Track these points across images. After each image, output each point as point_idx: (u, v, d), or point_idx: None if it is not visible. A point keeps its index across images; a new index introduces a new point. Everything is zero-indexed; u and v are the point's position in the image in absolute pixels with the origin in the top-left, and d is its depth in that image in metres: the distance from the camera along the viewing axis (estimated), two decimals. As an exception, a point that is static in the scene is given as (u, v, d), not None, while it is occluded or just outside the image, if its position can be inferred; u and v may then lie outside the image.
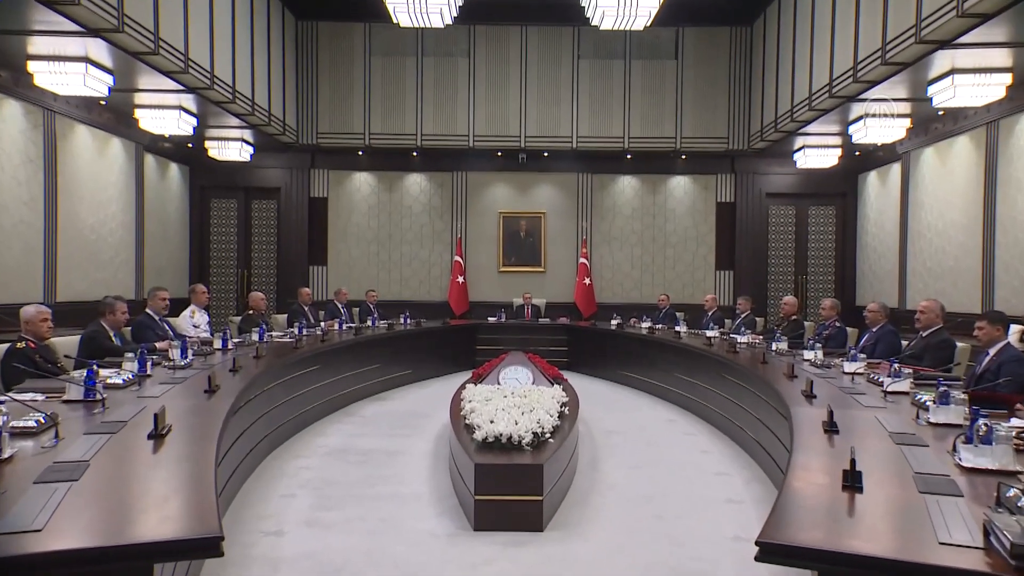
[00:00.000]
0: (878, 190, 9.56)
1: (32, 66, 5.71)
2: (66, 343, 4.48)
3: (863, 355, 4.61)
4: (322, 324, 7.44)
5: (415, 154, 10.37)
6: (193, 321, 6.19)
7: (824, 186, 10.30)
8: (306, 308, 7.93)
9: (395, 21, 6.56)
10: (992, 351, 3.91)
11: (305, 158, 10.36)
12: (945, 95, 5.91)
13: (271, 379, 4.75)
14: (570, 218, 10.58)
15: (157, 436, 2.56)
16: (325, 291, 10.37)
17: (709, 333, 6.95)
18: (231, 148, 9.23)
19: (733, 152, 10.19)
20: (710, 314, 8.26)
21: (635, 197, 10.59)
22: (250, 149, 9.52)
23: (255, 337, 5.84)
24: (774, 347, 5.64)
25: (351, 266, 10.55)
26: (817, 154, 9.16)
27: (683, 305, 9.91)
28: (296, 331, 6.47)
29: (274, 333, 6.49)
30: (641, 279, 10.59)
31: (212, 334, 5.98)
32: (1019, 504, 1.77)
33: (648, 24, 6.44)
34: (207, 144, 9.24)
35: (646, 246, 10.58)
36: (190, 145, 9.46)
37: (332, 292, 9.37)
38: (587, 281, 10.27)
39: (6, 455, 2.24)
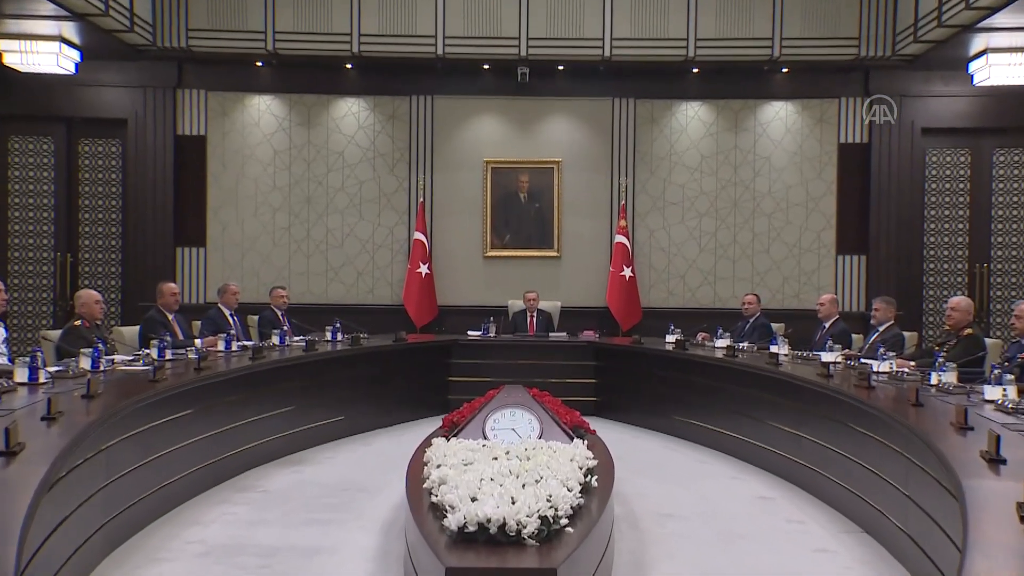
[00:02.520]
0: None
1: None
2: None
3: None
4: (198, 342, 7.48)
5: (349, 66, 10.35)
6: (-18, 338, 6.17)
7: (1020, 117, 10.30)
8: (171, 317, 7.91)
9: None
10: None
11: (169, 71, 10.32)
12: None
13: (113, 432, 4.72)
14: (600, 171, 10.57)
15: (-81, 526, 2.54)
16: (203, 289, 10.34)
17: (827, 357, 6.95)
18: (43, 53, 9.18)
19: (867, 62, 10.18)
20: (828, 326, 8.25)
21: (706, 137, 10.58)
22: (76, 55, 9.49)
23: (85, 364, 5.82)
24: (935, 379, 5.64)
25: (246, 248, 10.53)
26: (1009, 63, 9.16)
27: (783, 312, 9.89)
28: (155, 354, 6.48)
29: (118, 357, 6.49)
30: (715, 270, 10.59)
31: (11, 359, 5.94)
32: None
33: None
34: (2, 46, 9.19)
35: (723, 216, 10.58)
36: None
37: (215, 290, 9.32)
38: (627, 273, 10.27)
39: None
